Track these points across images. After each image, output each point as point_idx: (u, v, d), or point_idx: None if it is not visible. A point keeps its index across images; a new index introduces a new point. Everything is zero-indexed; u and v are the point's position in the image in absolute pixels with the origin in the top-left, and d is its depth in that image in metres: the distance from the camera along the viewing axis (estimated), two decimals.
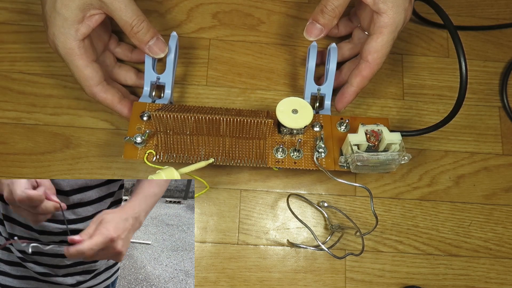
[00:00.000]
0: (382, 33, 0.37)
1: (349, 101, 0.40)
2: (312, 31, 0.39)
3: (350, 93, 0.40)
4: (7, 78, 0.44)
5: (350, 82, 0.40)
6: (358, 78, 0.39)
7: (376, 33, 0.37)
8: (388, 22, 0.37)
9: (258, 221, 0.42)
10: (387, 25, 0.37)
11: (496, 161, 0.45)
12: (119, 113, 0.40)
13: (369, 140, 0.36)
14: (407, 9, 0.37)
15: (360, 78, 0.39)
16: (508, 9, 0.51)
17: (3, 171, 0.41)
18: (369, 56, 0.38)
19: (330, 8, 0.37)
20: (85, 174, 0.42)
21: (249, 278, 0.41)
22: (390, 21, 0.37)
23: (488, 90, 0.48)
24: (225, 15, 0.48)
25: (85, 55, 0.37)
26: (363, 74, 0.39)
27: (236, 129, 0.36)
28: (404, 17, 0.37)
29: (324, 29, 0.38)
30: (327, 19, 0.38)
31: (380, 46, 0.38)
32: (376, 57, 0.38)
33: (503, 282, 0.42)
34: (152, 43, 0.38)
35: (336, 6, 0.37)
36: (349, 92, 0.40)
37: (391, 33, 0.37)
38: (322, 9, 0.37)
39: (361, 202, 0.43)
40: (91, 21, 0.36)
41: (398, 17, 0.37)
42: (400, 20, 0.37)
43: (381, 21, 0.37)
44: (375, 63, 0.38)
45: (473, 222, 0.43)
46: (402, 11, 0.37)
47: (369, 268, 0.42)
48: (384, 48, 0.38)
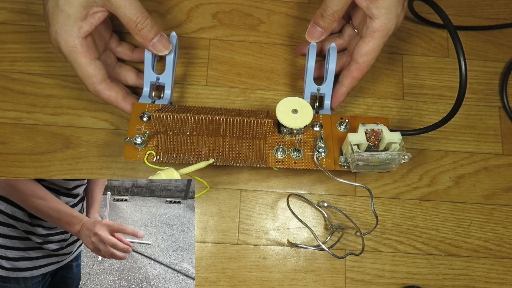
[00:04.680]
0: (373, 38, 0.39)
1: (341, 100, 0.42)
2: (313, 34, 0.41)
3: (341, 93, 0.42)
4: (7, 78, 0.44)
5: (342, 83, 0.42)
6: (348, 80, 0.41)
7: (368, 37, 0.39)
8: (380, 27, 0.38)
9: (258, 221, 0.42)
10: (379, 30, 0.38)
11: (496, 161, 0.45)
12: (123, 110, 0.40)
13: (369, 139, 0.36)
14: (399, 15, 0.38)
15: (350, 79, 0.41)
16: (508, 9, 0.51)
17: (3, 171, 0.41)
18: (360, 58, 0.40)
19: (330, 12, 0.39)
20: (85, 174, 0.42)
21: (249, 278, 0.41)
22: (382, 27, 0.38)
23: (488, 90, 0.48)
24: (225, 15, 0.48)
25: (88, 53, 0.37)
26: (353, 76, 0.41)
27: (236, 129, 0.36)
28: (395, 23, 0.39)
29: (324, 32, 0.40)
30: (327, 22, 0.39)
31: (371, 49, 0.39)
32: (366, 60, 0.40)
33: (503, 282, 0.42)
34: (156, 40, 0.38)
35: (335, 11, 0.39)
36: (341, 92, 0.42)
37: (382, 38, 0.39)
38: (322, 14, 0.39)
39: (361, 202, 0.43)
40: (94, 18, 0.36)
41: (390, 23, 0.38)
42: (392, 26, 0.38)
43: (374, 26, 0.38)
44: (365, 65, 0.40)
45: (473, 222, 0.43)
46: (394, 17, 0.38)
47: (369, 268, 0.42)
48: (374, 52, 0.39)
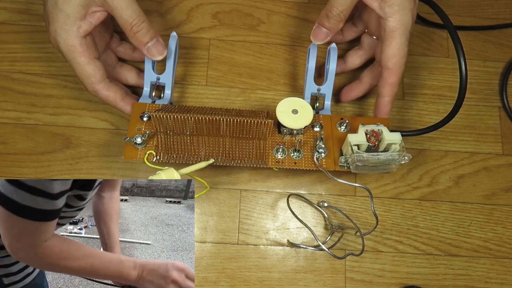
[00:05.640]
0: (393, 37, 0.37)
1: (387, 111, 0.40)
2: (318, 35, 0.39)
3: (385, 104, 0.40)
4: (7, 78, 0.44)
5: (381, 94, 0.40)
6: (386, 88, 0.39)
7: (388, 39, 0.37)
8: (396, 25, 0.37)
9: (258, 221, 0.42)
10: (396, 28, 0.37)
11: (496, 161, 0.45)
12: (121, 111, 0.40)
13: (369, 140, 0.36)
14: (412, 9, 0.37)
15: (388, 86, 0.39)
16: (508, 9, 0.51)
17: (3, 171, 0.41)
18: (389, 62, 0.38)
19: (335, 13, 0.37)
20: (85, 174, 0.42)
21: (249, 278, 0.41)
22: (399, 24, 0.37)
23: (488, 90, 0.48)
24: (225, 15, 0.48)
25: (87, 52, 0.37)
26: (390, 82, 0.39)
27: (236, 129, 0.36)
28: (411, 17, 0.37)
29: (330, 33, 0.39)
30: (333, 23, 0.38)
31: (396, 49, 0.38)
32: (395, 62, 0.38)
33: (503, 282, 0.42)
34: (150, 45, 0.38)
35: (341, 11, 0.37)
36: (384, 103, 0.40)
37: (403, 35, 0.37)
38: (327, 14, 0.38)
39: (361, 202, 0.43)
40: (93, 18, 0.36)
41: (406, 18, 0.37)
42: (409, 21, 0.37)
43: (390, 25, 0.37)
44: (396, 67, 0.38)
45: (473, 222, 0.43)
46: (408, 12, 0.37)
47: (369, 268, 0.42)
48: (400, 51, 0.38)
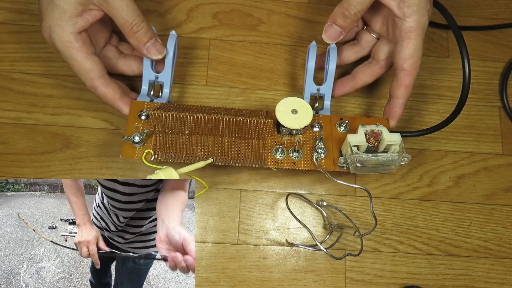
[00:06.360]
0: (411, 38, 0.37)
1: (399, 114, 0.40)
2: (332, 34, 0.38)
3: (398, 106, 0.39)
4: (7, 78, 0.44)
5: (395, 95, 0.39)
6: (401, 89, 0.39)
7: (405, 39, 0.37)
8: (414, 26, 0.36)
9: (258, 221, 0.42)
10: (414, 29, 0.36)
11: (496, 161, 0.45)
12: (118, 110, 0.39)
13: (369, 141, 0.36)
14: (429, 10, 0.37)
15: (403, 88, 0.39)
16: (508, 9, 0.51)
17: (3, 171, 0.41)
18: (405, 64, 0.38)
19: (353, 12, 0.37)
20: (85, 174, 0.42)
21: (249, 278, 0.41)
22: (417, 25, 0.36)
23: (488, 90, 0.48)
24: (225, 15, 0.48)
25: (84, 48, 0.37)
26: (405, 84, 0.38)
27: (235, 129, 0.36)
28: (428, 18, 0.37)
29: (343, 32, 0.38)
30: (348, 22, 0.37)
31: (413, 51, 0.37)
32: (412, 63, 0.38)
33: (503, 282, 0.42)
34: (150, 44, 0.38)
35: (359, 10, 0.37)
36: (398, 105, 0.39)
37: (420, 36, 0.37)
38: (343, 12, 0.37)
39: (361, 202, 0.43)
40: (90, 15, 0.36)
41: (423, 19, 0.36)
42: (426, 22, 0.37)
43: (408, 26, 0.36)
44: (412, 69, 0.38)
45: (473, 222, 0.43)
46: (426, 12, 0.36)
47: (369, 268, 0.42)
48: (417, 52, 0.37)
